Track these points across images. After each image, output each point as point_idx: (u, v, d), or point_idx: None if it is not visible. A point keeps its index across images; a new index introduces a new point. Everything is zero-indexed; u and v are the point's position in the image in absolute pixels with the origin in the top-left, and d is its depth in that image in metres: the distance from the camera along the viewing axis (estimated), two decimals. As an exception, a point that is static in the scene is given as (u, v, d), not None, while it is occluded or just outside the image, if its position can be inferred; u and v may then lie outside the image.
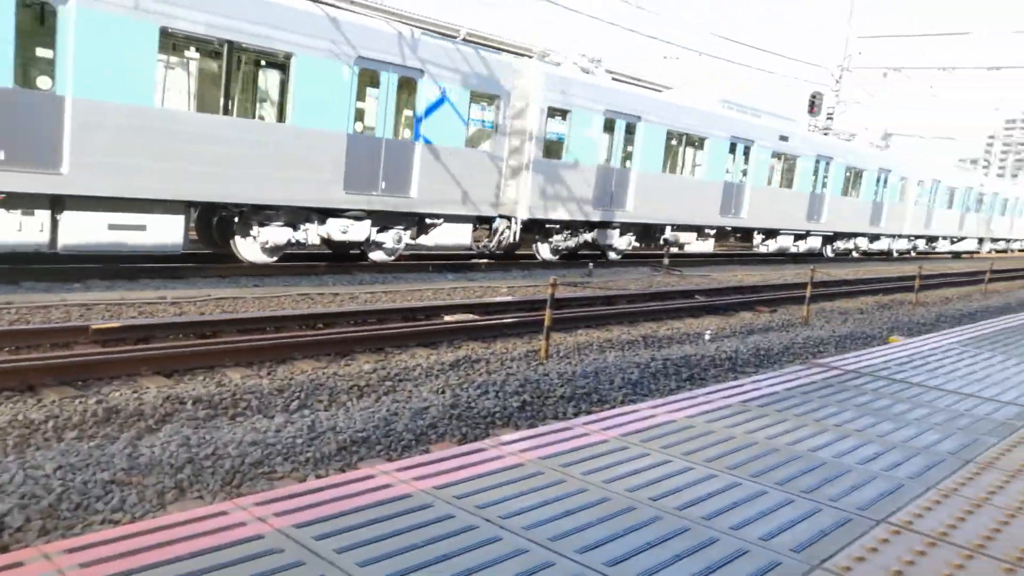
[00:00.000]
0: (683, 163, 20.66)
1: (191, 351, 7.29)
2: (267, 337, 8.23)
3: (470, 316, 10.52)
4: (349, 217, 13.55)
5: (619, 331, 10.81)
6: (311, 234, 13.33)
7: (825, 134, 31.12)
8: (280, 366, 7.54)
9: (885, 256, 30.61)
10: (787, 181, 23.71)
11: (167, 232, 11.32)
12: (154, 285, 10.93)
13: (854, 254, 28.81)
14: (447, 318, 10.30)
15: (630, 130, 18.31)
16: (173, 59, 12.98)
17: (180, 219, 11.44)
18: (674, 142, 19.62)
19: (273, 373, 7.30)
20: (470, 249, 16.12)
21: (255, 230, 12.68)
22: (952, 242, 37.49)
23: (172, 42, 12.30)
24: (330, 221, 13.37)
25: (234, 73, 12.13)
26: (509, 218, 16.26)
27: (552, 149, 16.70)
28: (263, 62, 13.33)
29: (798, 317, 13.40)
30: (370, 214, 13.81)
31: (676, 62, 39.61)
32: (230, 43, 11.49)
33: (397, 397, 6.82)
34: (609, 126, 17.88)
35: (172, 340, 7.98)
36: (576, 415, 6.90)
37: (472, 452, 3.44)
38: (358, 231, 13.71)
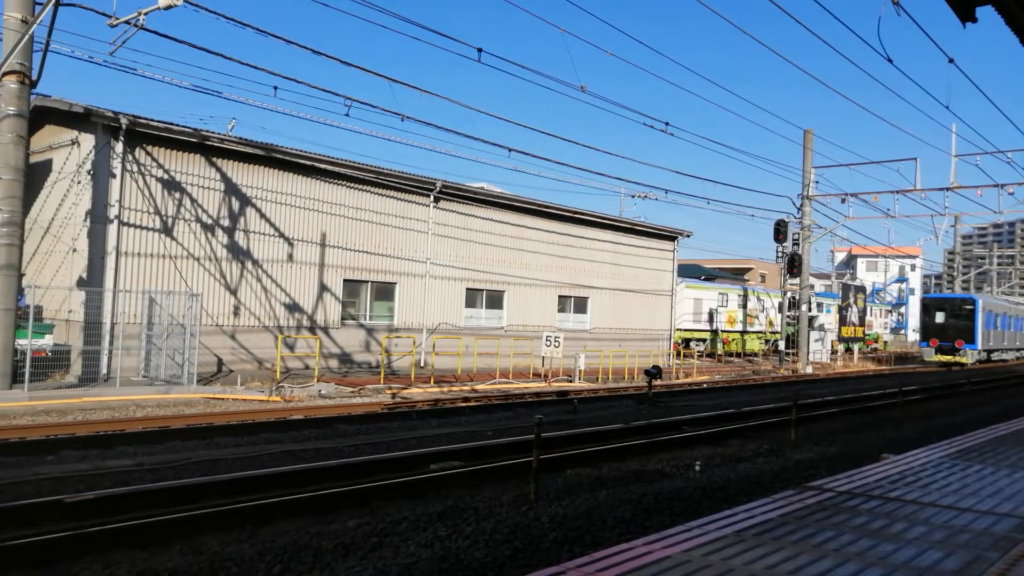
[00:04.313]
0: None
1: (167, 519, 7.02)
2: (247, 499, 7.96)
3: (456, 463, 10.30)
4: None
5: (608, 468, 10.60)
6: None
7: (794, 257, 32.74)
8: (262, 528, 7.26)
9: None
10: None
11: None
12: (131, 453, 10.66)
13: None
14: (433, 466, 10.07)
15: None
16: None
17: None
18: None
19: (254, 536, 7.01)
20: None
21: None
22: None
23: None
24: None
25: None
26: None
27: None
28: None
29: (786, 441, 13.26)
30: None
31: (643, 200, 41.11)
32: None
33: (383, 554, 6.55)
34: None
35: (148, 509, 7.70)
36: (570, 558, 6.64)
37: (462, 606, 3.29)
38: None
